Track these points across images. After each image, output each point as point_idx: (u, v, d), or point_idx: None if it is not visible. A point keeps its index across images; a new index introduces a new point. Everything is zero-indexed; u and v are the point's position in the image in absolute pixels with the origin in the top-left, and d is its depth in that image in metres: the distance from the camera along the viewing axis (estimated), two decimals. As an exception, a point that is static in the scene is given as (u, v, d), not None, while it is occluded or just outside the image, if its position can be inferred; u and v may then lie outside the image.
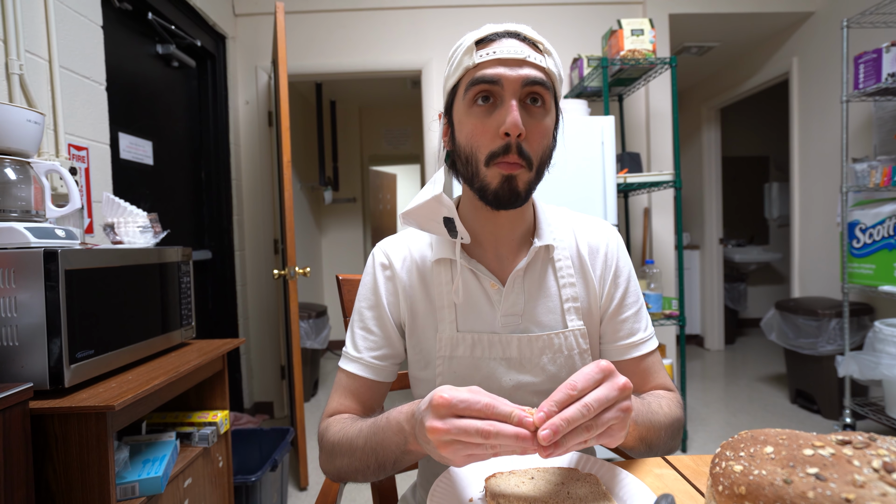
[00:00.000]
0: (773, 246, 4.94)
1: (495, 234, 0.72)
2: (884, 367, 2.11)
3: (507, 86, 0.62)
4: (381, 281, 0.75)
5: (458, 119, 0.67)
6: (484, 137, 0.64)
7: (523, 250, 0.73)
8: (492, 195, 0.65)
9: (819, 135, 2.99)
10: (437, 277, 0.72)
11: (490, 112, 0.64)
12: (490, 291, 0.71)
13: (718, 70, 3.98)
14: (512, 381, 0.70)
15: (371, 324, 0.74)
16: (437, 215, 0.66)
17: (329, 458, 0.68)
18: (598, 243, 0.76)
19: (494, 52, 0.63)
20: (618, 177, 2.28)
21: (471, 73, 0.64)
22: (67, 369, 0.90)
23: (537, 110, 0.65)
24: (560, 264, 0.74)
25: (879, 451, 0.39)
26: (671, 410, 0.69)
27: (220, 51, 2.68)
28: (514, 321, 0.71)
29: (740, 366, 3.76)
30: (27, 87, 1.30)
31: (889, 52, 2.16)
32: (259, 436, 1.91)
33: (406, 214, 0.67)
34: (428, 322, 0.72)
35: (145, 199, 2.03)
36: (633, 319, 0.75)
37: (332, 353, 4.49)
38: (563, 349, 0.71)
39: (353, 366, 0.73)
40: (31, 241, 0.95)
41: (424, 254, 0.75)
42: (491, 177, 0.64)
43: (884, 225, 2.25)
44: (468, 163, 0.66)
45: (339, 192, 4.67)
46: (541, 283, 0.73)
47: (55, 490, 0.87)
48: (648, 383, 0.75)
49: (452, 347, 0.70)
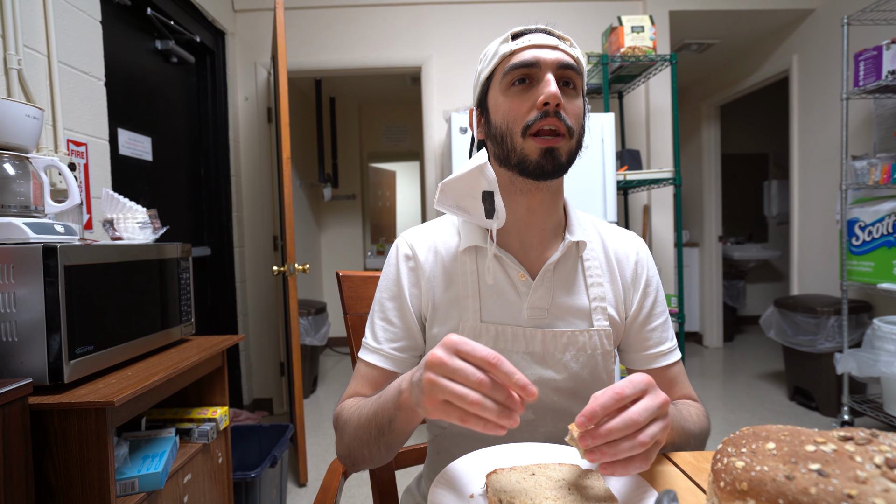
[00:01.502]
0: (773, 243, 4.95)
1: (526, 220, 0.71)
2: (882, 364, 2.11)
3: (543, 66, 0.65)
4: (405, 272, 0.74)
5: (493, 103, 0.69)
6: (520, 111, 0.66)
7: (553, 244, 0.73)
8: (534, 165, 0.66)
9: (819, 132, 2.99)
10: (463, 266, 0.72)
11: (527, 90, 0.66)
12: (517, 282, 0.71)
13: (718, 67, 3.98)
14: (534, 376, 0.70)
15: (392, 315, 0.74)
16: (476, 189, 0.65)
17: (341, 436, 0.68)
18: (629, 251, 0.77)
19: (529, 41, 0.67)
20: (617, 174, 2.28)
21: (507, 60, 0.67)
22: (67, 365, 0.90)
23: (571, 92, 0.68)
24: (589, 263, 0.74)
25: (881, 447, 0.39)
26: (700, 421, 0.70)
27: (220, 47, 2.67)
28: (539, 314, 0.70)
29: (739, 363, 3.77)
30: (26, 82, 1.29)
31: (889, 50, 2.16)
32: (258, 432, 1.91)
33: (446, 185, 0.66)
34: (451, 312, 0.72)
35: (144, 195, 2.02)
36: (661, 329, 0.75)
37: (331, 350, 4.49)
38: (587, 348, 0.70)
39: (373, 356, 0.73)
40: (30, 236, 0.95)
41: (450, 244, 0.75)
42: (529, 149, 0.66)
43: (883, 222, 2.25)
44: (503, 140, 0.68)
45: (339, 189, 4.67)
46: (570, 279, 0.72)
47: (55, 486, 0.87)
48: (675, 393, 0.75)
49: (475, 338, 0.70)
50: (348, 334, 0.96)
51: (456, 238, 0.75)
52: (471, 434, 0.73)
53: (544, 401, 0.70)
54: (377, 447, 0.62)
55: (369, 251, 4.85)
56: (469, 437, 0.74)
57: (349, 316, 0.96)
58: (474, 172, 0.64)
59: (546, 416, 0.71)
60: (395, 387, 0.58)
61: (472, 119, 0.74)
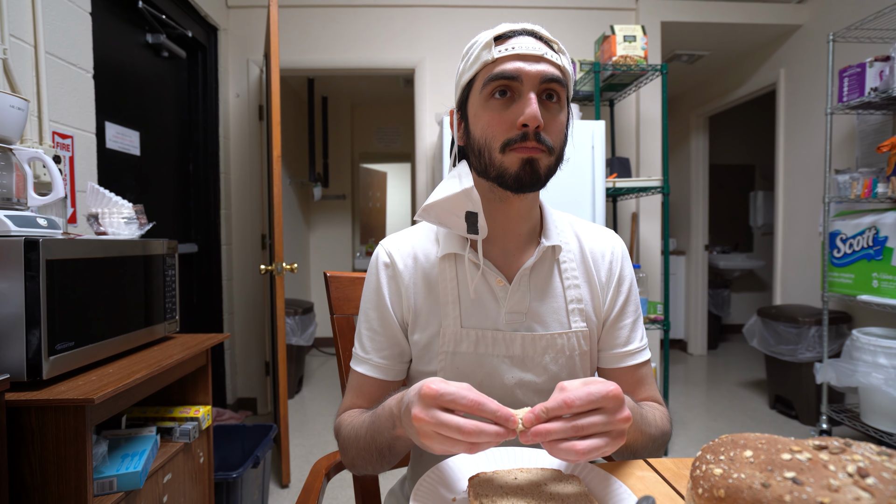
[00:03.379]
0: (757, 253, 5.02)
1: (504, 228, 0.72)
2: (860, 374, 2.16)
3: (525, 81, 0.63)
4: (384, 280, 0.75)
5: (473, 113, 0.68)
6: (500, 128, 0.64)
7: (529, 248, 0.74)
8: (512, 178, 0.65)
9: (804, 145, 3.05)
10: (443, 273, 0.72)
11: (507, 105, 0.64)
12: (496, 288, 0.71)
13: (708, 79, 4.04)
14: (514, 379, 0.70)
15: (376, 324, 0.75)
16: (460, 209, 0.66)
17: (344, 452, 0.71)
18: (604, 249, 0.77)
19: (513, 48, 0.64)
20: (607, 181, 2.30)
21: (489, 68, 0.65)
22: (46, 361, 0.89)
23: (553, 105, 0.66)
24: (566, 266, 0.74)
25: (854, 456, 0.40)
26: (662, 424, 0.71)
27: (212, 42, 2.65)
28: (518, 319, 0.71)
29: (722, 371, 3.81)
30: (11, 72, 1.27)
31: (872, 67, 2.21)
32: (241, 432, 1.89)
33: (427, 208, 0.67)
34: (432, 318, 0.72)
35: (131, 189, 2.00)
36: (630, 328, 0.75)
37: (317, 351, 4.46)
38: (566, 350, 0.71)
39: (363, 366, 0.75)
40: (11, 229, 0.93)
41: (429, 250, 0.75)
42: (509, 161, 0.64)
43: (863, 236, 2.30)
44: (482, 154, 0.67)
45: (329, 189, 4.65)
46: (546, 283, 0.73)
47: (30, 484, 0.85)
48: (639, 394, 0.75)
49: (456, 343, 0.70)
50: (335, 335, 0.95)
51: (435, 245, 0.75)
52: None
53: (525, 403, 0.71)
54: (381, 464, 0.67)
55: (358, 252, 4.83)
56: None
57: (336, 317, 0.95)
58: (461, 196, 0.65)
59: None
60: (387, 417, 0.60)
61: (452, 120, 0.74)
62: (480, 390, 0.69)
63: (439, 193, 0.66)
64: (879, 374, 2.10)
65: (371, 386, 0.74)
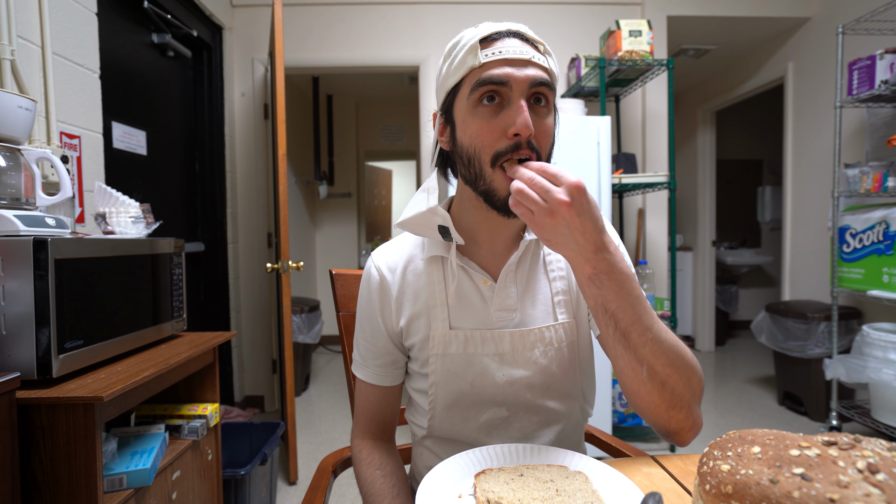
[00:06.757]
0: (765, 249, 4.98)
1: (492, 232, 0.72)
2: (870, 370, 2.14)
3: (515, 87, 0.61)
4: (375, 292, 0.75)
5: (460, 119, 0.66)
6: (490, 137, 0.63)
7: (515, 245, 0.74)
8: (501, 203, 0.64)
9: (812, 140, 3.02)
10: (430, 276, 0.73)
11: (497, 112, 0.63)
12: (482, 288, 0.71)
13: (715, 73, 4.00)
14: (504, 377, 0.70)
15: (369, 335, 0.76)
16: (431, 224, 0.68)
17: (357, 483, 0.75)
18: None
19: (500, 52, 0.62)
20: (613, 177, 2.28)
21: (476, 73, 0.63)
22: (56, 359, 0.89)
23: (542, 110, 0.64)
24: (550, 258, 0.75)
25: (864, 452, 0.39)
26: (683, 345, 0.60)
27: (217, 41, 2.66)
28: (506, 316, 0.71)
29: (730, 367, 3.79)
30: (19, 72, 1.28)
31: (882, 59, 2.18)
32: (249, 429, 1.91)
33: (401, 224, 0.69)
34: (421, 323, 0.73)
35: (138, 189, 2.01)
36: None
37: (324, 348, 4.48)
38: (554, 342, 0.71)
39: (362, 372, 0.78)
40: (20, 228, 0.94)
41: (416, 258, 0.75)
42: (498, 183, 0.63)
43: (873, 230, 2.27)
44: (471, 163, 0.65)
45: (334, 187, 4.66)
46: (532, 277, 0.73)
47: (41, 481, 0.86)
48: None
49: (445, 345, 0.70)
50: (341, 333, 0.96)
51: (421, 251, 0.76)
52: (452, 436, 0.74)
53: (517, 398, 0.71)
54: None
55: (364, 250, 4.84)
56: (450, 440, 0.75)
57: (342, 314, 0.96)
58: (427, 214, 0.67)
59: (520, 412, 0.72)
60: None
61: (435, 123, 0.72)
62: (472, 390, 0.71)
63: (409, 211, 0.68)
64: (890, 369, 2.08)
65: (373, 393, 0.78)
